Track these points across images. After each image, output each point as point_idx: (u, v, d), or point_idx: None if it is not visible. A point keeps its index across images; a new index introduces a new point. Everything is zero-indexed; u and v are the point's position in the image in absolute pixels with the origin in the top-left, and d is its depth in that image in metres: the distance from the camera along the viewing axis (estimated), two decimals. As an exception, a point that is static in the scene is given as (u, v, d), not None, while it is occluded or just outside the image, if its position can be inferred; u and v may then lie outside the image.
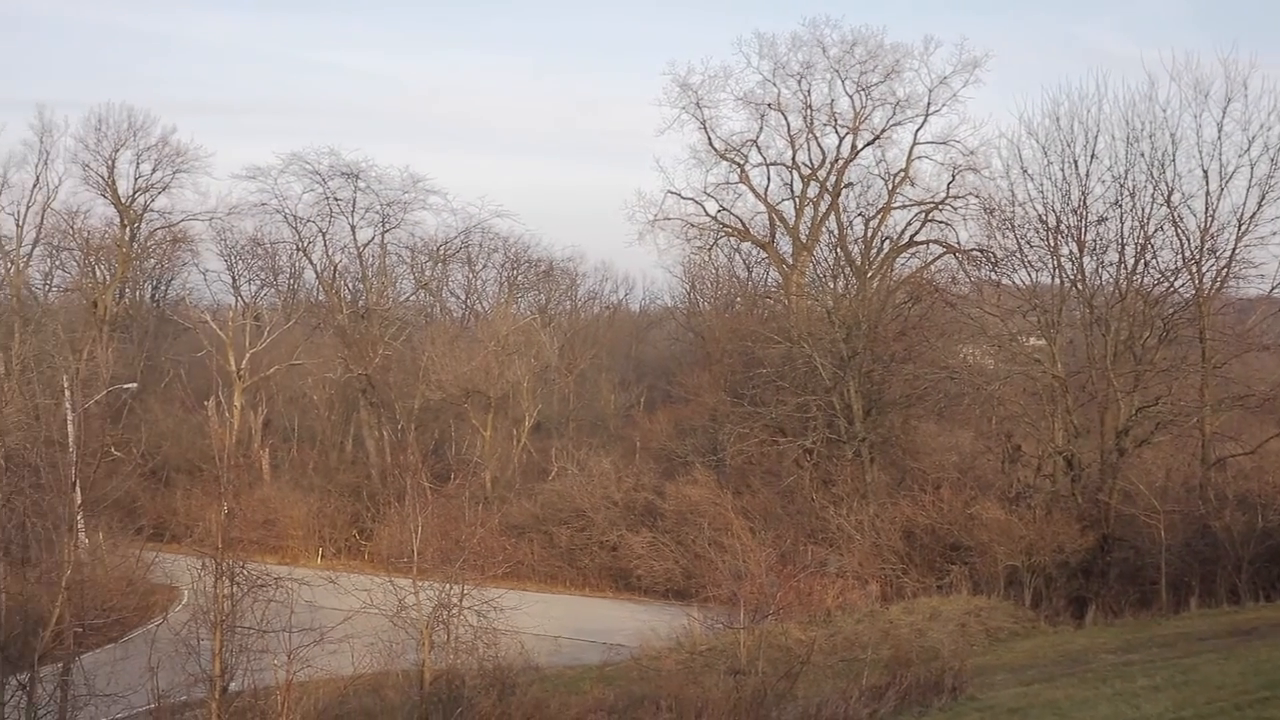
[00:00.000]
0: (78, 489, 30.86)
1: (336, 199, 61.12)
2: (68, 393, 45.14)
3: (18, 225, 57.90)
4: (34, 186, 58.05)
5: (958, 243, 52.08)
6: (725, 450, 47.74)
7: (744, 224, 58.21)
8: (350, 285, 64.85)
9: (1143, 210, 38.97)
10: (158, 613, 35.56)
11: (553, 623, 36.15)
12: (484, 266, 72.08)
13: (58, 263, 64.80)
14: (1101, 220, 39.63)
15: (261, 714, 23.27)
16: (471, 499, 42.44)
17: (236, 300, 68.86)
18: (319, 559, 49.72)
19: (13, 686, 22.62)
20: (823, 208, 55.97)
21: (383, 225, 62.39)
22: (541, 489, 50.68)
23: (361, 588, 26.81)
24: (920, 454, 45.59)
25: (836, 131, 55.56)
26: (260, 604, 24.67)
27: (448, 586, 25.60)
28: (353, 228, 61.98)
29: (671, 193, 56.95)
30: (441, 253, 66.86)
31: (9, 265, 58.55)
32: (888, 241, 54.61)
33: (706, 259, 64.90)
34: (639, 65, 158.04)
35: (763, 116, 56.04)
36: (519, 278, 72.54)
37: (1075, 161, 39.50)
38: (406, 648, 25.78)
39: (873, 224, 54.84)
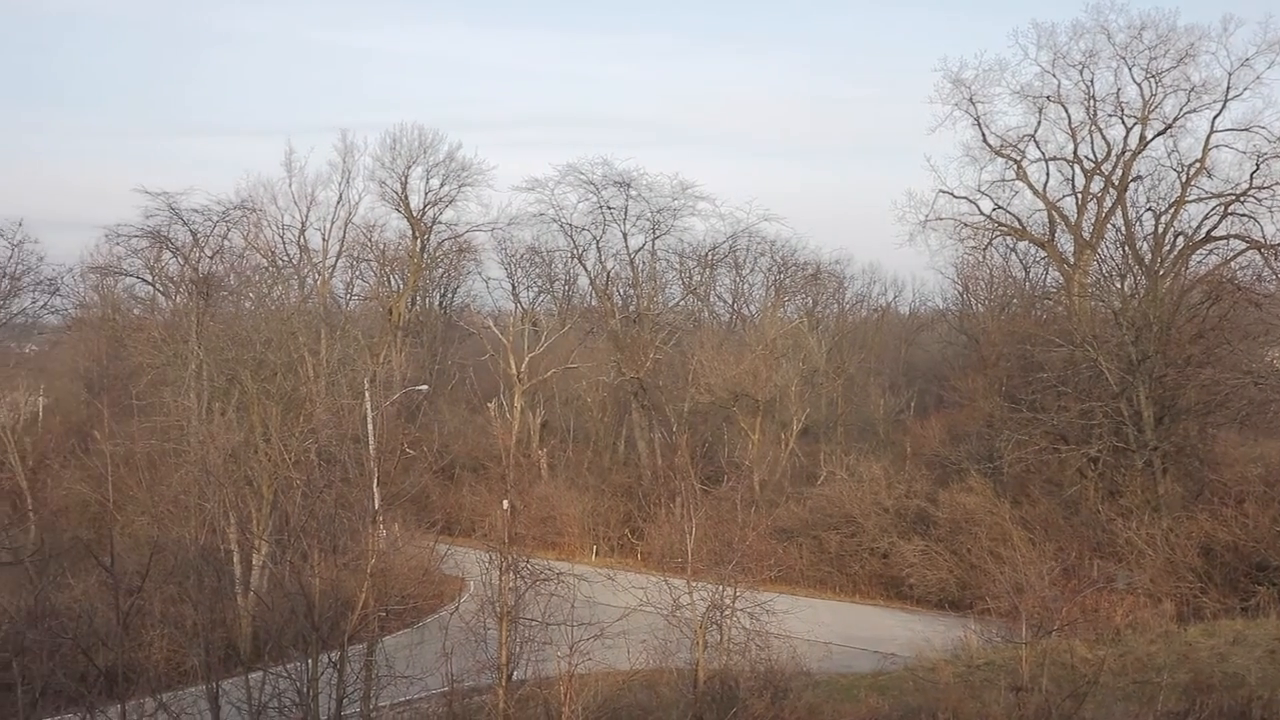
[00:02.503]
0: (377, 483, 33.30)
1: (609, 207, 63.04)
2: (367, 394, 48.68)
3: (324, 240, 62.98)
4: (338, 203, 62.97)
5: (1263, 237, 48.02)
6: (1002, 458, 45.94)
7: (1021, 222, 55.87)
8: (622, 291, 66.68)
9: None
10: (448, 602, 37.78)
11: (823, 628, 35.87)
12: (751, 270, 72.54)
13: (357, 273, 70.12)
14: None
15: (544, 703, 24.28)
16: (741, 502, 42.85)
17: (516, 306, 72.23)
18: (593, 556, 51.32)
19: (324, 664, 24.57)
20: (1108, 203, 52.92)
21: (653, 232, 63.88)
22: (810, 493, 50.37)
23: (636, 586, 27.53)
24: (1220, 465, 42.32)
25: (1123, 122, 52.44)
26: (542, 597, 25.80)
27: (720, 588, 25.91)
28: (625, 235, 63.75)
29: (944, 192, 55.36)
30: (710, 258, 67.71)
31: (317, 276, 63.63)
32: (1181, 237, 50.96)
33: (981, 259, 62.81)
34: (909, 63, 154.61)
35: (1041, 110, 53.61)
36: (786, 281, 72.46)
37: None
38: (680, 646, 26.26)
39: (1164, 219, 51.36)
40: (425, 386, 59.52)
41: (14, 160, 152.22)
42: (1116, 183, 52.48)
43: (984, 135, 54.41)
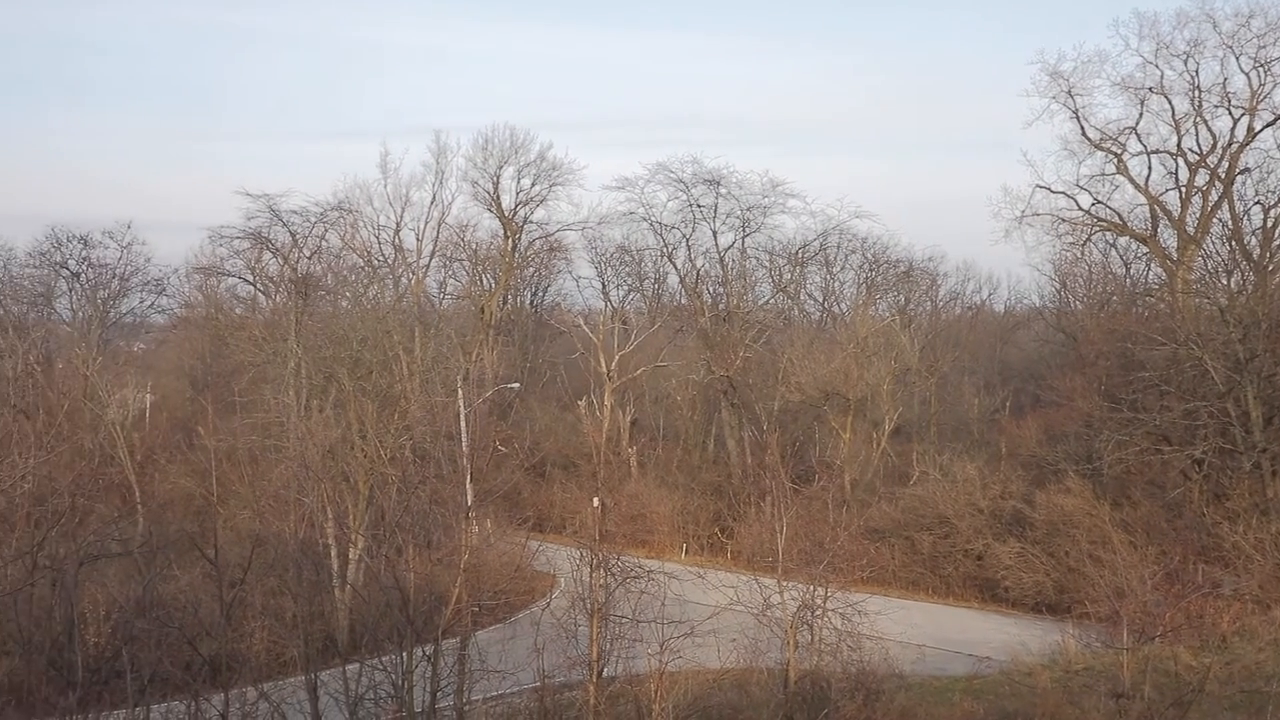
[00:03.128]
0: (470, 480, 33.73)
1: (699, 205, 62.94)
2: (460, 392, 49.36)
3: (418, 240, 63.91)
4: (431, 204, 63.83)
5: (1383, 231, 46.14)
6: (1101, 459, 44.79)
7: (1121, 217, 54.48)
8: (711, 289, 66.55)
9: None
10: (539, 598, 38.13)
11: (915, 630, 35.41)
12: (842, 268, 71.92)
13: (450, 272, 71.08)
14: None
15: (634, 700, 24.35)
16: (833, 501, 42.47)
17: (606, 305, 72.54)
18: (682, 554, 51.32)
19: (418, 657, 24.97)
20: (1213, 197, 51.33)
21: (743, 230, 63.63)
22: (903, 493, 49.74)
23: (726, 584, 27.48)
24: (1333, 467, 40.74)
25: (1230, 113, 50.79)
26: (633, 595, 25.88)
27: (812, 587, 25.74)
28: (714, 233, 63.62)
29: (1040, 187, 54.21)
30: (800, 255, 67.26)
31: (411, 276, 64.69)
32: (1292, 231, 49.22)
33: (1079, 255, 61.43)
34: (1006, 56, 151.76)
35: (1143, 101, 52.18)
36: (878, 279, 71.68)
37: None
38: (770, 646, 26.14)
39: (1273, 212, 49.65)
40: (517, 384, 60.12)
41: (123, 164, 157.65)
42: (1223, 175, 50.87)
43: (1083, 128, 53.17)
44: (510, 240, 66.41)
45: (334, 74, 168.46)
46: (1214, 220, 51.42)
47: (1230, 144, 50.68)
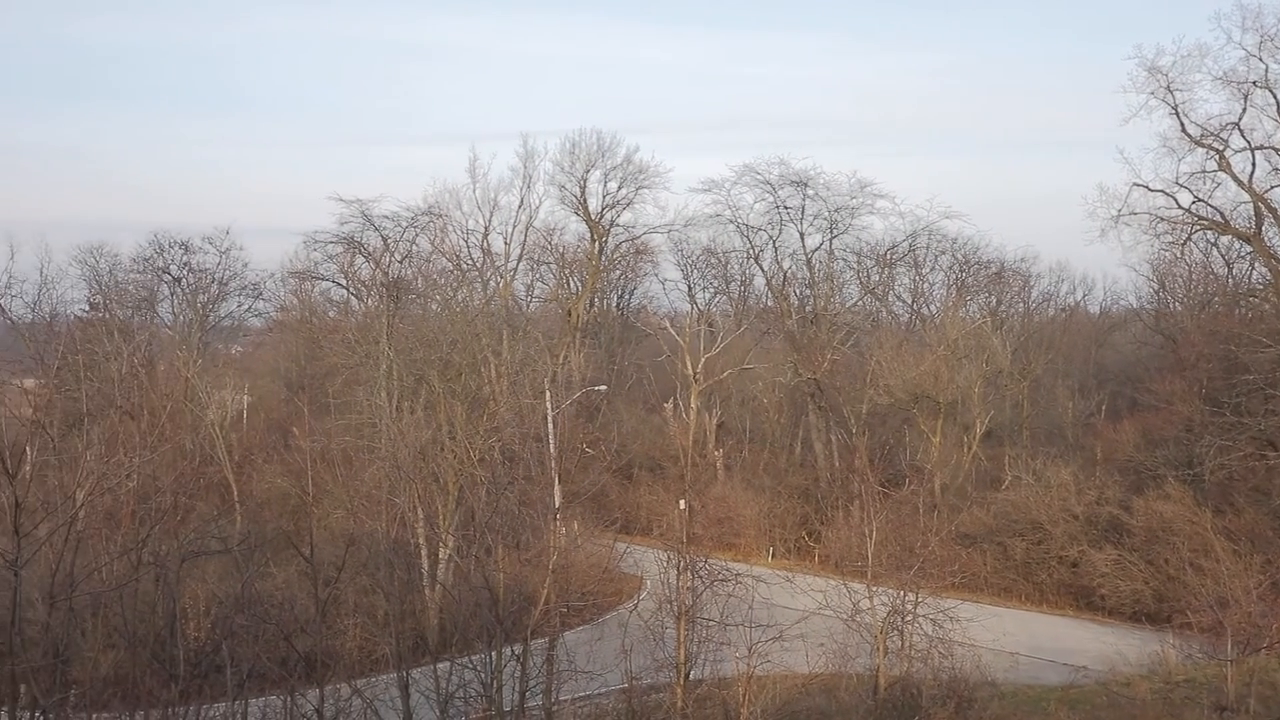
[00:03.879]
0: (558, 481, 33.96)
1: (786, 207, 62.58)
2: (548, 394, 49.74)
3: (505, 243, 64.60)
4: (519, 208, 64.47)
5: None
6: (1203, 464, 43.50)
7: (1223, 216, 52.75)
8: (798, 291, 66.07)
9: None
10: (626, 600, 38.25)
11: (1008, 638, 34.79)
12: (931, 269, 70.85)
13: (538, 275, 71.70)
14: None
15: (722, 703, 24.31)
16: (923, 506, 41.95)
17: (692, 307, 72.50)
18: (769, 558, 51.10)
19: (507, 656, 25.23)
20: (1323, 193, 49.51)
21: (831, 231, 63.11)
22: (994, 498, 48.87)
23: (814, 589, 27.31)
24: None
25: (1339, 107, 48.91)
26: (720, 598, 25.86)
27: (901, 593, 25.46)
28: (801, 234, 63.18)
29: (1138, 185, 52.72)
30: (888, 256, 66.48)
31: (499, 279, 65.37)
32: None
33: (1178, 255, 59.62)
34: (1101, 52, 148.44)
35: (1246, 96, 50.40)
36: (968, 280, 70.48)
37: None
38: (860, 651, 25.91)
39: (1387, 210, 47.75)
40: (603, 386, 60.39)
41: (223, 171, 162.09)
42: (1333, 172, 49.05)
43: (1182, 125, 51.60)
44: (597, 243, 66.70)
45: (424, 80, 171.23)
46: (1322, 217, 49.63)
47: (1339, 139, 48.85)
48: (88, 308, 66.36)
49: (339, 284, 68.24)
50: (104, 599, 30.34)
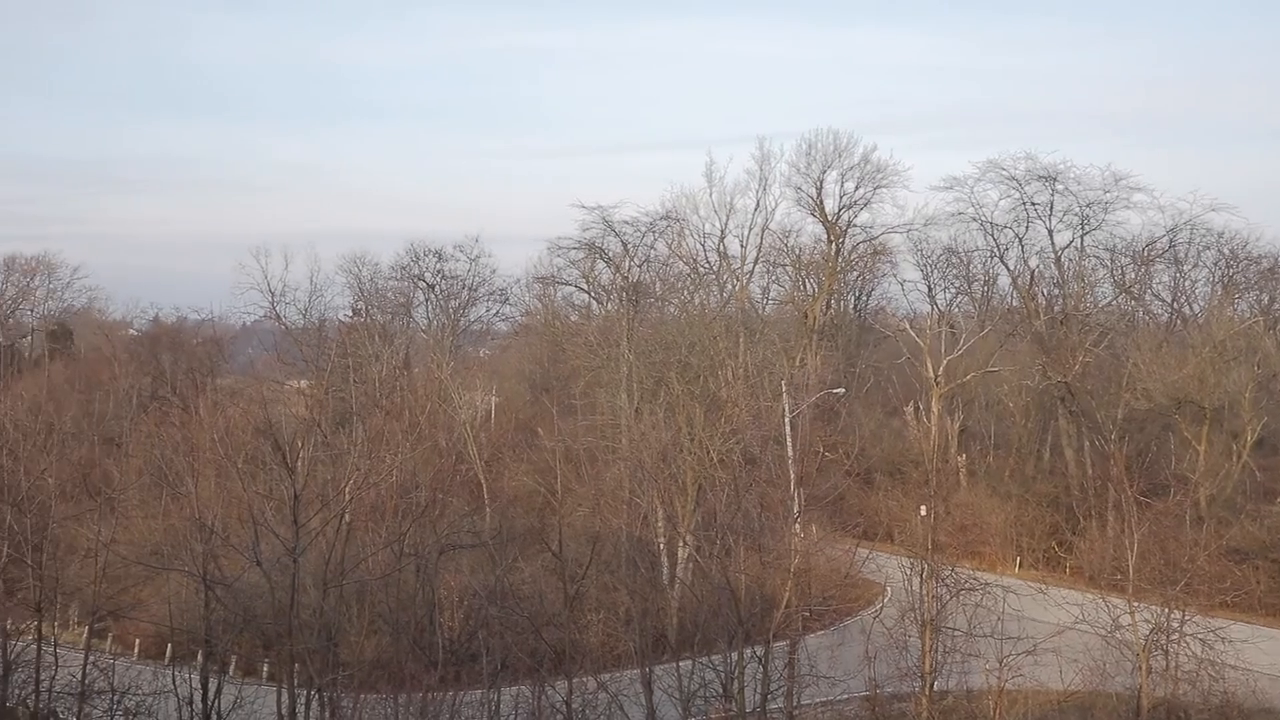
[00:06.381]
0: (798, 484, 33.86)
1: (1033, 203, 60.14)
2: (785, 396, 49.58)
3: (742, 246, 64.81)
4: (755, 210, 64.57)
5: None
6: None
7: None
8: (1046, 291, 63.38)
9: None
10: (866, 606, 37.70)
11: (1287, 663, 32.20)
12: (1194, 266, 66.37)
13: (774, 278, 71.52)
14: None
15: (970, 716, 23.67)
16: (1188, 518, 39.40)
17: (932, 308, 70.63)
18: (1016, 568, 49.27)
19: (748, 657, 25.36)
20: None
21: (1082, 227, 60.19)
22: (1269, 511, 45.48)
23: (1068, 602, 26.16)
24: None
25: None
26: (966, 607, 25.17)
27: (1166, 610, 24.07)
28: (1050, 231, 60.56)
29: None
30: (1146, 253, 62.77)
31: (735, 282, 65.64)
32: None
33: None
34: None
35: None
36: (1236, 276, 65.68)
37: None
38: (1119, 669, 24.65)
39: None
40: (841, 389, 59.64)
41: (472, 182, 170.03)
42: None
43: None
44: (833, 244, 65.98)
45: (661, 87, 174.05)
46: None
47: None
48: (351, 313, 70.99)
49: (581, 288, 70.23)
50: (369, 587, 32.42)
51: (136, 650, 36.56)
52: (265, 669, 33.08)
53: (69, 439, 49.06)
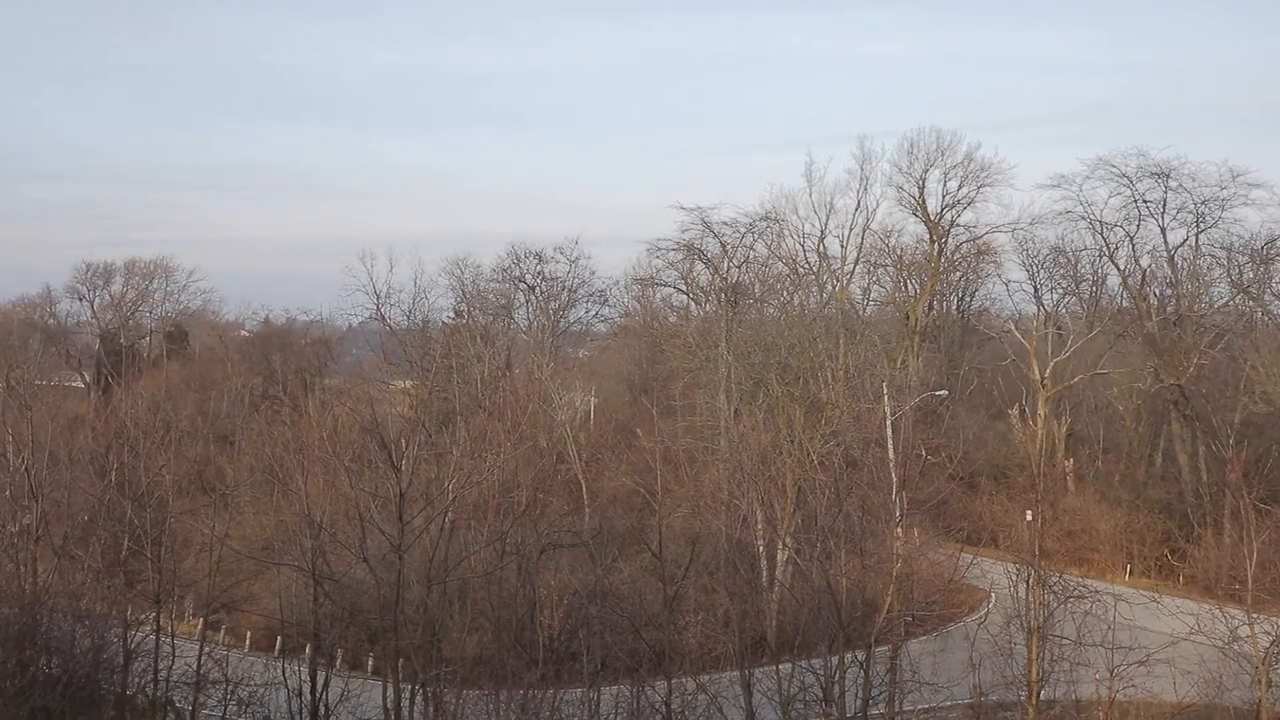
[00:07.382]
0: (900, 488, 33.42)
1: (1145, 201, 58.58)
2: (886, 398, 48.97)
3: (842, 247, 64.11)
4: (855, 210, 63.79)
5: None
6: None
7: None
8: (1159, 291, 61.70)
9: None
10: (970, 612, 37.05)
11: None
12: (1317, 265, 63.80)
13: (874, 279, 70.66)
14: None
15: (1078, 727, 23.12)
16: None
17: (1038, 309, 69.13)
18: (1126, 576, 47.98)
19: (849, 661, 25.10)
20: None
21: (1197, 226, 58.47)
22: (1398, 521, 43.37)
23: (1183, 612, 25.37)
24: None
25: None
26: (1075, 615, 24.56)
27: (1288, 622, 23.20)
28: (1162, 230, 58.93)
29: None
30: (1266, 251, 60.57)
31: (835, 283, 65.01)
32: None
33: None
34: None
35: None
36: (1365, 274, 62.96)
37: None
38: (1236, 683, 23.85)
39: None
40: (944, 391, 58.67)
41: (573, 185, 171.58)
42: None
43: None
44: (936, 244, 64.98)
45: (760, 88, 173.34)
46: None
47: None
48: (453, 314, 72.11)
49: (680, 290, 70.29)
50: (471, 584, 32.92)
51: (248, 642, 37.67)
52: (370, 663, 33.81)
53: (185, 437, 50.69)
